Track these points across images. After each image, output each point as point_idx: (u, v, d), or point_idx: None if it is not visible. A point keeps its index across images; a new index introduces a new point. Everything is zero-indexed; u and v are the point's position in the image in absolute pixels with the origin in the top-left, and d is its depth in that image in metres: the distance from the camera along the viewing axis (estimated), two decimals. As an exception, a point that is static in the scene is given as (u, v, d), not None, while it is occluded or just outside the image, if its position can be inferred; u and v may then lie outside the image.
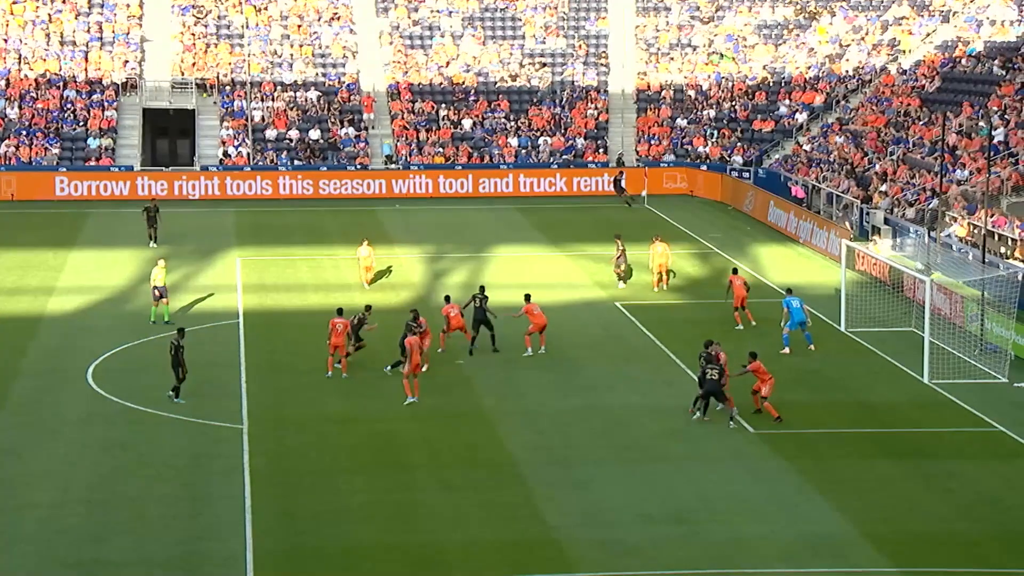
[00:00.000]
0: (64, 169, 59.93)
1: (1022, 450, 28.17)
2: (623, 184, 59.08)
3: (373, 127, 64.97)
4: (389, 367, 32.71)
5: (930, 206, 46.71)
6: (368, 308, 34.17)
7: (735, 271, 39.20)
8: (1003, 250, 41.79)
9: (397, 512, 24.44)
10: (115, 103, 64.50)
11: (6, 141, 61.33)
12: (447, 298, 35.41)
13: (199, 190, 59.88)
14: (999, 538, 23.58)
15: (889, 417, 30.21)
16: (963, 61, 59.96)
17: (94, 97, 64.59)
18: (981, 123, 51.11)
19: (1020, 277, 36.28)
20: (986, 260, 38.10)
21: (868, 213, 49.49)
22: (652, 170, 60.95)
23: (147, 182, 59.60)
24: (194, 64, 66.75)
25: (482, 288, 34.96)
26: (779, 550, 22.88)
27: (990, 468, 27.05)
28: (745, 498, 25.23)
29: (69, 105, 63.90)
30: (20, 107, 63.34)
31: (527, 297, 35.11)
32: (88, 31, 68.15)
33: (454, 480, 26.00)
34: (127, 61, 66.63)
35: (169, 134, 66.29)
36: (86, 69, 66.09)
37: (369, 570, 22.05)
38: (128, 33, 68.28)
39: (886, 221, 48.22)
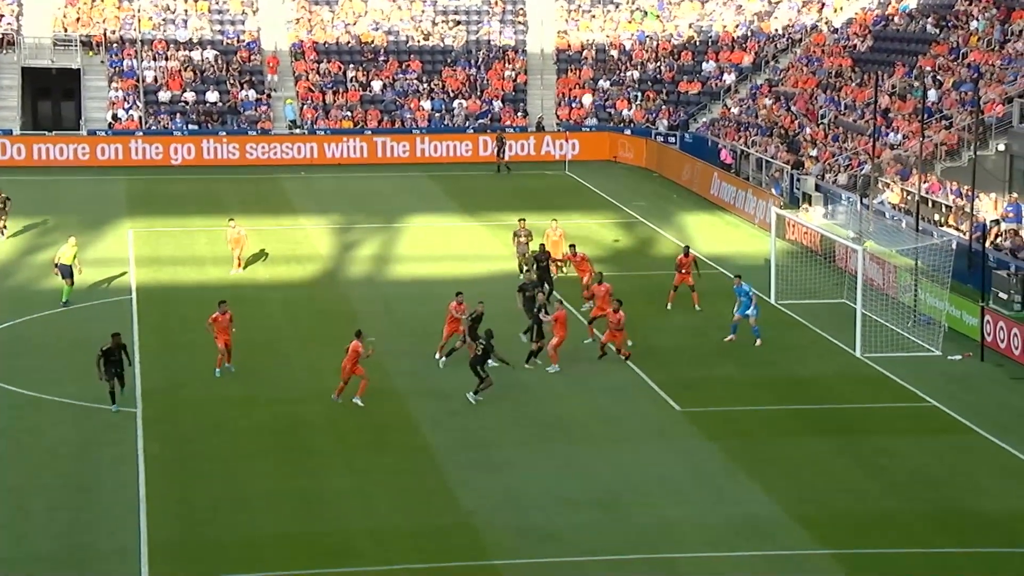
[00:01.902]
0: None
1: (955, 425, 28.72)
2: (504, 149, 58.77)
3: (276, 90, 64.32)
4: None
5: (863, 172, 47.32)
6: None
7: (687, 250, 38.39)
8: (937, 217, 42.42)
9: (302, 499, 24.34)
10: (-8, 61, 63.24)
11: None
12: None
13: (86, 156, 58.90)
14: (931, 517, 24.04)
15: (820, 393, 30.63)
16: (896, 19, 60.71)
17: (-31, 55, 63.28)
18: (915, 84, 51.82)
19: (954, 246, 36.85)
20: (920, 228, 38.63)
21: (799, 179, 50.01)
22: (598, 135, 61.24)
23: (28, 147, 58.51)
24: (78, 20, 65.52)
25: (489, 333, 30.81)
26: (706, 534, 23.13)
27: (923, 444, 27.54)
28: (670, 480, 25.46)
29: (-58, 64, 62.59)
30: None
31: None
32: (-37, -16, 66.69)
33: (363, 465, 25.94)
34: (2, 16, 65.22)
35: (52, 95, 65.07)
36: (-41, 25, 64.77)
37: (273, 561, 21.94)
38: (7, -14, 66.90)
39: (817, 188, 48.76)
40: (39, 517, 23.59)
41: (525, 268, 38.49)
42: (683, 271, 36.78)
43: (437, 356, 31.62)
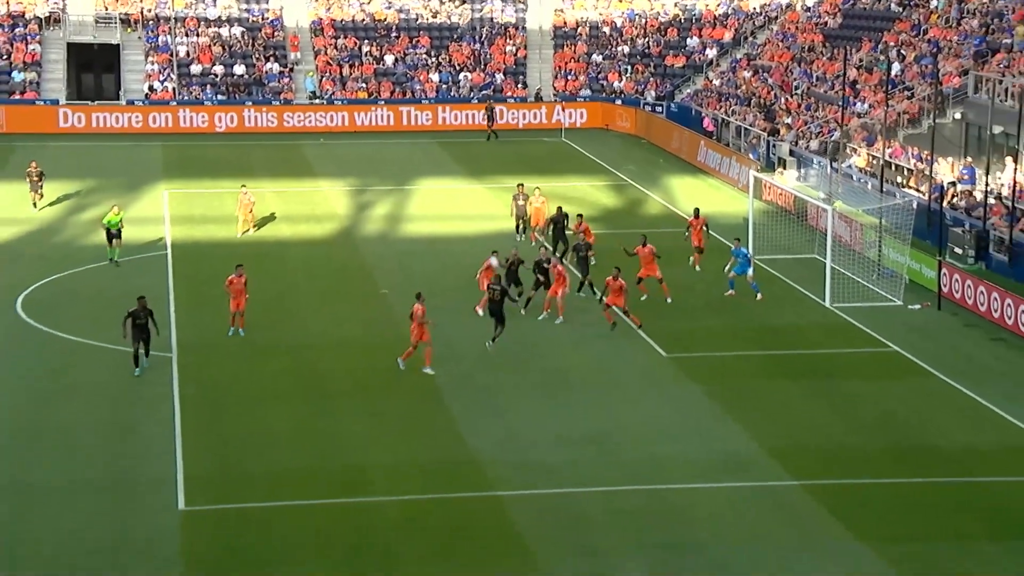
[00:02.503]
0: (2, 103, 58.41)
1: (914, 368, 28.66)
2: (494, 117, 58.17)
3: (298, 63, 63.87)
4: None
5: (832, 138, 47.08)
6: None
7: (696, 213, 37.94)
8: (899, 179, 42.28)
9: (322, 437, 24.31)
10: (38, 37, 62.72)
11: (-71, 75, 59.56)
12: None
13: (125, 123, 58.58)
14: (892, 451, 24.02)
15: (793, 340, 30.56)
16: (863, -1, 60.26)
17: (17, 31, 62.77)
18: (880, 58, 51.46)
19: (915, 205, 36.74)
20: (884, 189, 38.51)
21: (774, 145, 49.76)
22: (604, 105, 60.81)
23: (74, 115, 58.19)
24: (118, -1, 65.09)
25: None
26: (690, 467, 23.10)
27: (885, 386, 27.49)
28: (657, 419, 25.42)
29: (-7, 39, 62.14)
30: (-57, 41, 61.49)
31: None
32: (11, -34, 66.08)
33: (377, 407, 25.89)
34: (51, -4, 64.78)
35: (94, 68, 64.64)
36: (7, 3, 64.15)
37: (295, 492, 21.92)
38: (51, -32, 66.30)
39: (791, 153, 48.53)
40: (87, 450, 23.59)
41: (539, 230, 37.99)
42: (695, 231, 36.17)
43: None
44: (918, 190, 40.41)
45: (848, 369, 28.61)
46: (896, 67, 48.94)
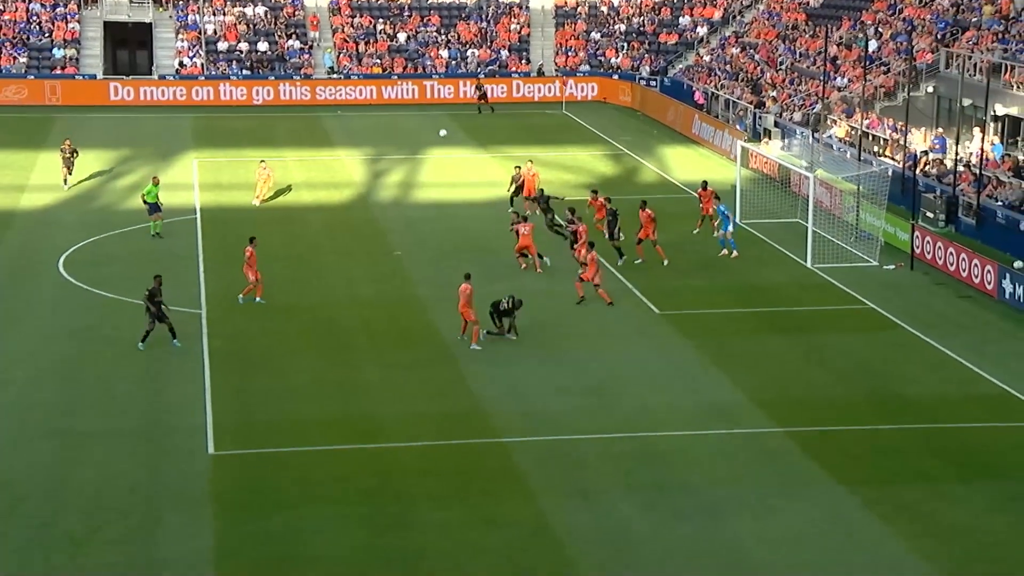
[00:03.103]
0: (31, 77, 57.99)
1: (888, 323, 28.54)
2: (485, 93, 57.26)
3: (318, 44, 63.42)
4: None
5: (814, 110, 46.74)
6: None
7: (704, 185, 37.64)
8: (876, 149, 42.01)
9: (340, 389, 24.26)
10: (77, 16, 62.29)
11: (-23, 52, 59.21)
12: (524, 218, 32.76)
13: (157, 96, 58.29)
14: (869, 400, 23.96)
15: (776, 298, 30.43)
16: (844, -20, 59.55)
17: (58, 10, 62.35)
18: (859, 35, 51.01)
19: (890, 173, 36.50)
20: (861, 158, 38.27)
21: (760, 117, 49.40)
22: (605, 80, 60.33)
23: (109, 89, 57.87)
24: (151, -20, 64.46)
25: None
26: (681, 417, 23.05)
27: (862, 340, 27.39)
28: (650, 372, 25.33)
29: (35, 17, 61.69)
30: (-11, 19, 61.10)
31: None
32: (51, -51, 65.44)
33: (391, 359, 25.82)
34: (87, -24, 64.21)
35: (128, 45, 64.24)
36: (50, -16, 63.74)
37: (316, 439, 21.90)
38: (88, -49, 65.66)
39: (776, 124, 48.19)
40: (122, 399, 23.57)
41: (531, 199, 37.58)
42: (705, 201, 35.78)
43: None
44: (893, 159, 40.14)
45: (827, 324, 28.50)
46: (873, 44, 48.51)
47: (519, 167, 38.70)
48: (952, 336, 27.45)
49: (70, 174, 40.56)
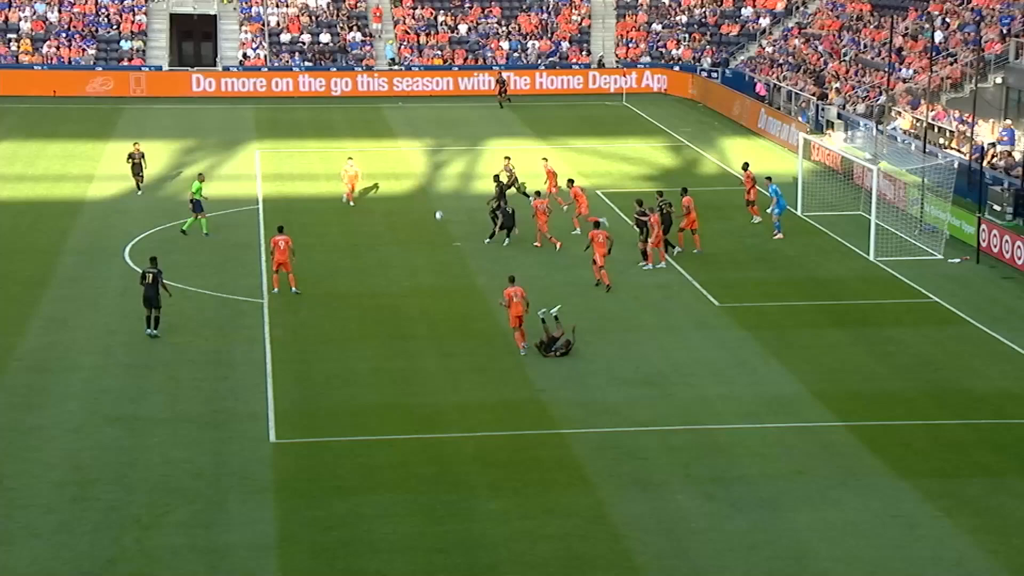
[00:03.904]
0: (100, 68, 59.03)
1: (953, 317, 28.20)
2: (505, 87, 56.81)
3: (379, 36, 63.76)
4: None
5: (878, 102, 46.21)
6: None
7: (746, 166, 37.64)
8: (942, 141, 41.46)
9: (399, 376, 24.46)
10: (144, 8, 63.22)
11: (47, 42, 60.29)
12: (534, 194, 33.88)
13: (211, 88, 59.00)
14: (931, 394, 23.71)
15: (838, 291, 30.18)
16: (911, -30, 58.75)
17: (126, 2, 63.32)
18: (925, 26, 50.32)
19: (956, 165, 36.03)
20: (927, 150, 37.80)
21: (823, 109, 48.93)
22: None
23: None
24: (216, -27, 65.25)
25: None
26: (740, 408, 22.97)
27: (925, 334, 27.09)
28: (710, 363, 25.26)
29: (103, 10, 62.73)
30: (60, 11, 62.19)
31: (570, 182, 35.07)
32: (118, -57, 66.44)
33: (450, 348, 25.98)
34: (154, -31, 65.10)
35: (194, 37, 65.07)
36: (118, -23, 64.73)
37: (375, 428, 22.12)
38: (154, -55, 66.56)
39: (839, 116, 47.71)
40: (186, 385, 23.95)
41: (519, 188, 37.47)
42: (749, 184, 35.91)
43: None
44: (959, 151, 39.59)
45: (890, 318, 28.22)
46: (940, 35, 47.85)
47: (509, 158, 38.49)
48: (1018, 331, 27.06)
49: (142, 182, 38.88)
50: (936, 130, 41.75)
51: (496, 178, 35.81)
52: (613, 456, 20.93)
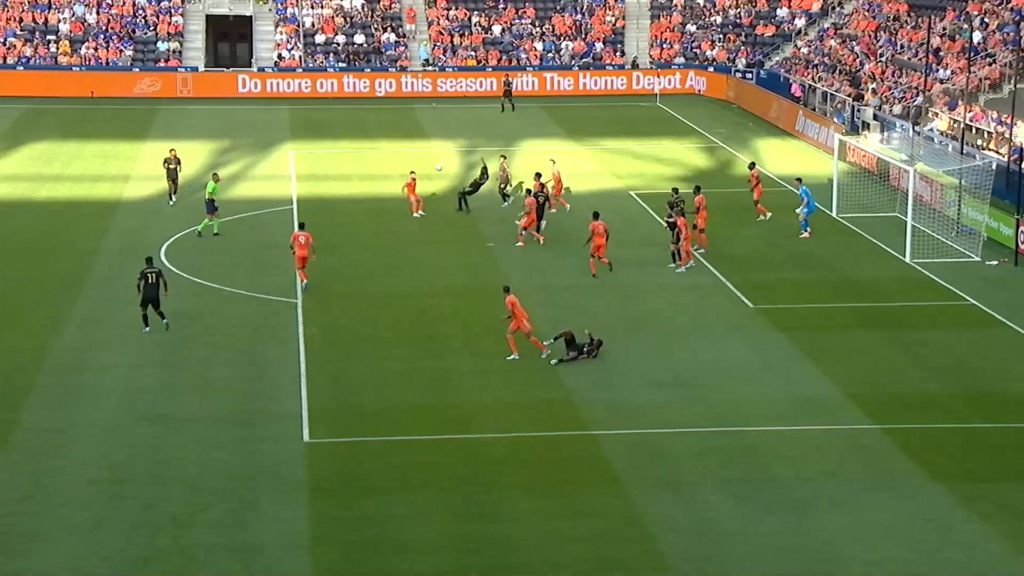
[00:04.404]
0: (138, 69, 59.57)
1: (990, 320, 27.97)
2: (511, 90, 55.82)
3: (413, 37, 63.95)
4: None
5: (915, 103, 45.87)
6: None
7: (752, 165, 37.83)
8: (980, 142, 41.09)
9: (431, 377, 24.53)
10: (181, 10, 63.74)
11: (86, 44, 60.93)
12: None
13: (256, 89, 59.42)
14: (966, 397, 23.53)
15: (874, 292, 30.00)
16: (949, -31, 58.27)
17: (162, 4, 63.87)
18: (963, 26, 49.88)
19: (994, 166, 35.69)
20: (964, 151, 37.47)
21: (859, 109, 48.62)
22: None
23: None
24: (251, -25, 65.72)
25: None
26: (772, 410, 22.89)
27: (961, 336, 26.88)
28: (742, 365, 25.18)
29: (141, 11, 63.31)
30: (98, 12, 62.84)
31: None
32: (155, -55, 67.00)
33: (482, 349, 26.02)
34: (190, -29, 65.61)
35: (229, 38, 65.54)
36: (154, -21, 65.32)
37: (408, 428, 22.20)
38: (191, -53, 67.05)
39: (875, 117, 47.39)
40: (220, 384, 24.12)
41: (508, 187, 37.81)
42: (755, 183, 36.19)
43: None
44: (998, 152, 39.23)
45: (926, 320, 28.03)
46: (978, 35, 47.41)
47: (505, 157, 39.12)
48: (1056, 334, 26.82)
49: (176, 190, 38.12)
50: (974, 131, 41.38)
51: (484, 171, 37.16)
52: (645, 457, 20.91)
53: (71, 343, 26.36)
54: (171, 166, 38.47)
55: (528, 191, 35.25)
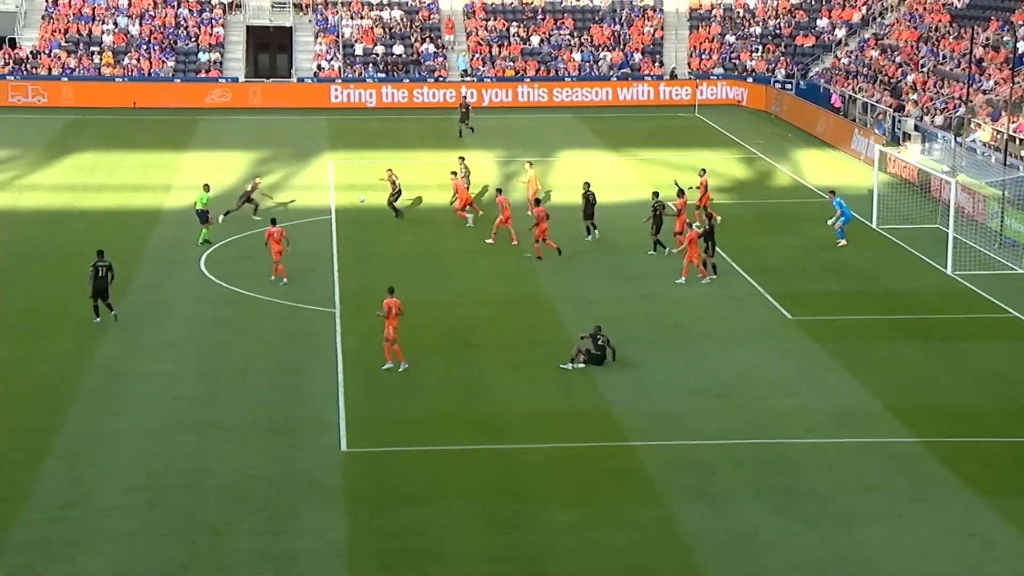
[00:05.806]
0: (179, 80, 60.16)
1: (1034, 335, 27.67)
2: (467, 112, 52.21)
3: (452, 47, 64.19)
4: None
5: (957, 114, 45.48)
6: None
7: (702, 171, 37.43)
8: (1023, 153, 40.66)
9: (468, 386, 24.56)
10: (222, 20, 64.35)
11: (128, 54, 61.62)
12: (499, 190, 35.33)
13: (296, 100, 59.85)
14: (1008, 410, 23.26)
15: (914, 304, 29.75)
16: (992, -21, 57.75)
17: (204, 15, 64.51)
18: (1007, 37, 49.41)
19: (1038, 178, 35.34)
20: (1007, 163, 37.11)
21: (900, 120, 48.27)
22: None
23: (250, 91, 59.67)
24: (292, -14, 66.23)
25: None
26: (810, 422, 22.73)
27: (1002, 349, 26.60)
28: (779, 375, 25.04)
29: (182, 22, 63.95)
30: (140, 24, 63.52)
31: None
32: (197, -43, 67.69)
33: (518, 358, 26.03)
34: (231, -17, 66.24)
35: (270, 49, 66.09)
36: (196, -9, 65.98)
37: (444, 437, 22.23)
38: (232, -41, 67.69)
39: (916, 128, 47.03)
40: (257, 392, 24.25)
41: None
42: (704, 191, 35.77)
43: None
44: (1041, 163, 38.81)
45: (968, 332, 27.75)
46: (1023, 45, 46.94)
47: (463, 158, 39.23)
48: (1100, 347, 26.46)
49: (256, 210, 37.25)
50: (1018, 142, 40.96)
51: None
52: (681, 468, 20.82)
53: (112, 351, 26.60)
54: (261, 192, 38.15)
55: (537, 200, 35.30)
